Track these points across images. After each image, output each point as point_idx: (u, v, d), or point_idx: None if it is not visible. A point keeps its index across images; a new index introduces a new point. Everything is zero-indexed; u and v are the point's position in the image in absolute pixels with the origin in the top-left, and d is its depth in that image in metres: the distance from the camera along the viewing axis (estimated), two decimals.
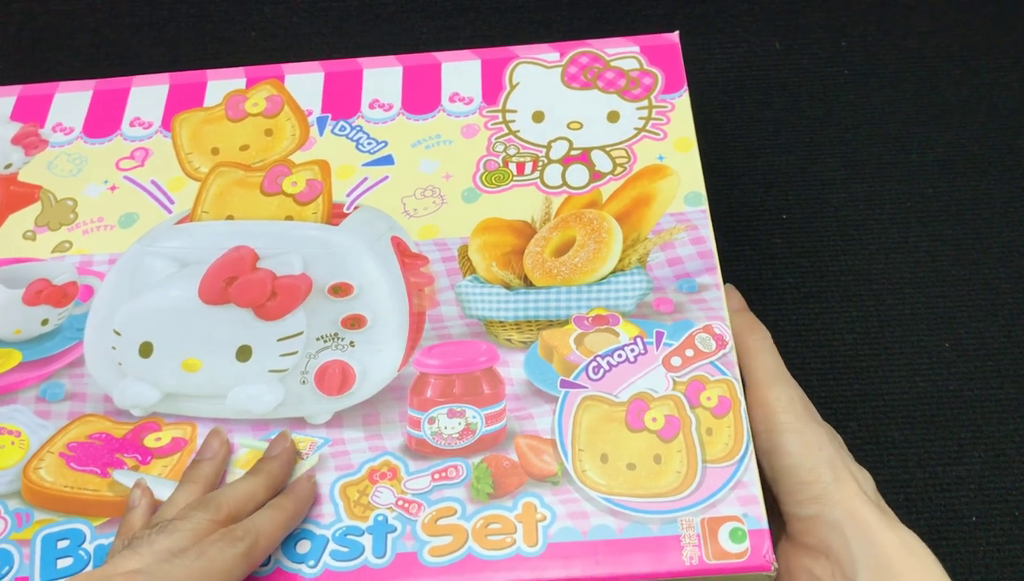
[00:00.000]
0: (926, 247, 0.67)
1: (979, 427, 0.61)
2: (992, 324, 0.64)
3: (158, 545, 0.41)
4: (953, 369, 0.63)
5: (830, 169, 0.71)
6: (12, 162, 0.60)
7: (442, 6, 0.71)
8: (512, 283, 0.53)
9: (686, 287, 0.52)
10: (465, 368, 0.51)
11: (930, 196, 0.68)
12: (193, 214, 0.57)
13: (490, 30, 0.69)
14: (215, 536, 0.42)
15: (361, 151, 0.59)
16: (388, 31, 0.69)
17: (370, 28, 0.69)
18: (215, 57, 0.67)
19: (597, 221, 0.54)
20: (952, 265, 0.66)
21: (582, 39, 0.62)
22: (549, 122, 0.59)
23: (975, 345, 0.64)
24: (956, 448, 0.60)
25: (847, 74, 0.74)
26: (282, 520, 0.45)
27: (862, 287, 0.66)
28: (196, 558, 0.40)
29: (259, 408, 0.51)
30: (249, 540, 0.42)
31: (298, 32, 0.69)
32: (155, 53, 0.68)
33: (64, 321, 0.54)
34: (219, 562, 0.41)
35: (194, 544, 0.41)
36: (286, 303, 0.53)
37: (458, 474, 0.47)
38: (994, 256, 0.66)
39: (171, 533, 0.41)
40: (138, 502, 0.46)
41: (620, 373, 0.49)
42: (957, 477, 0.59)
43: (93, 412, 0.51)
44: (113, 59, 0.67)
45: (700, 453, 0.47)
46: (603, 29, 0.70)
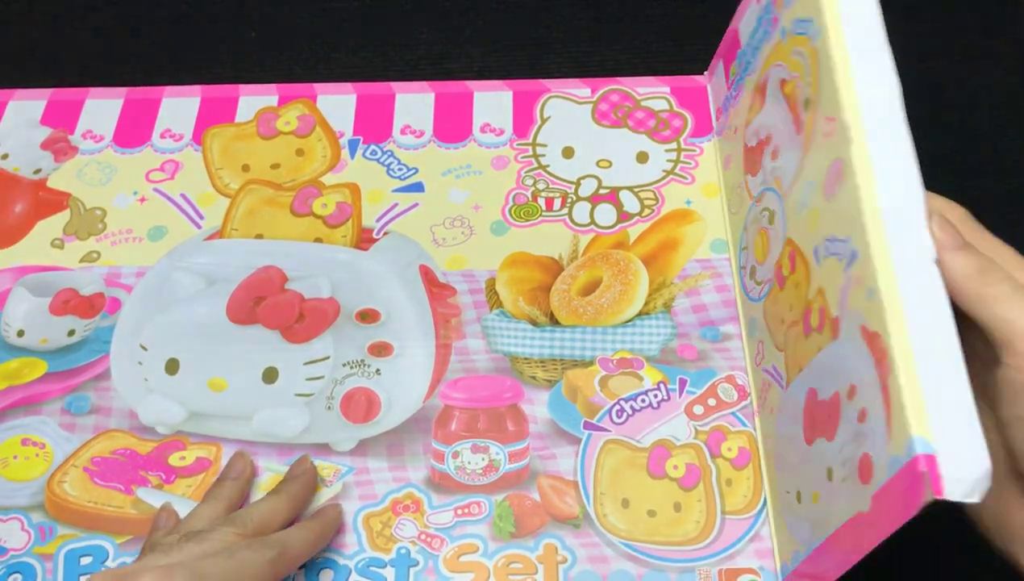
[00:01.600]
0: None
1: None
2: None
3: (188, 550, 0.41)
4: None
5: None
6: (41, 168, 0.60)
7: (442, 6, 0.71)
8: (538, 319, 0.54)
9: (710, 335, 0.53)
10: (490, 403, 0.51)
11: None
12: (223, 231, 0.58)
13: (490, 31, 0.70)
14: (244, 543, 0.42)
15: (392, 176, 0.59)
16: (388, 30, 0.69)
17: (370, 28, 0.69)
18: (215, 57, 0.67)
19: (624, 262, 0.55)
20: None
21: (583, 39, 0.62)
22: (579, 158, 0.60)
23: None
24: None
25: None
26: (309, 538, 0.45)
27: None
28: (228, 558, 0.41)
29: (285, 432, 0.51)
30: (278, 548, 0.42)
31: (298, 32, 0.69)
32: (155, 53, 0.68)
33: (90, 333, 0.55)
34: (249, 566, 0.41)
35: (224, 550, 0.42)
36: (313, 326, 0.53)
37: (481, 511, 0.48)
38: None
39: (200, 541, 0.42)
40: (164, 523, 0.47)
41: (643, 418, 0.50)
42: None
43: (118, 427, 0.52)
44: (113, 59, 0.67)
45: (719, 504, 0.48)
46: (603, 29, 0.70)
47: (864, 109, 0.39)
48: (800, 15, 0.45)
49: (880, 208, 0.37)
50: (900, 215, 0.37)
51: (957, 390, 0.34)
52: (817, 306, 0.41)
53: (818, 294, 0.41)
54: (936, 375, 0.34)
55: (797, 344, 0.44)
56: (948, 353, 0.34)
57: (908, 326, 0.35)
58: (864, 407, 0.36)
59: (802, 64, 0.45)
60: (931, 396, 0.33)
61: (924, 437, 0.33)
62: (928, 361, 0.34)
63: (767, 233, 0.49)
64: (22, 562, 0.48)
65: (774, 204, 0.48)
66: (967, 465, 0.32)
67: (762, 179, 0.50)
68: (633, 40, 0.71)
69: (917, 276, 0.36)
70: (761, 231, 0.49)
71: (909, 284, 0.35)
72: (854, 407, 0.37)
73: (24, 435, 0.51)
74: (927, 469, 0.32)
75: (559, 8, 0.72)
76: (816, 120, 0.42)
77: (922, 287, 0.36)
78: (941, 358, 0.34)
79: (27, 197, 0.59)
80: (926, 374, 0.34)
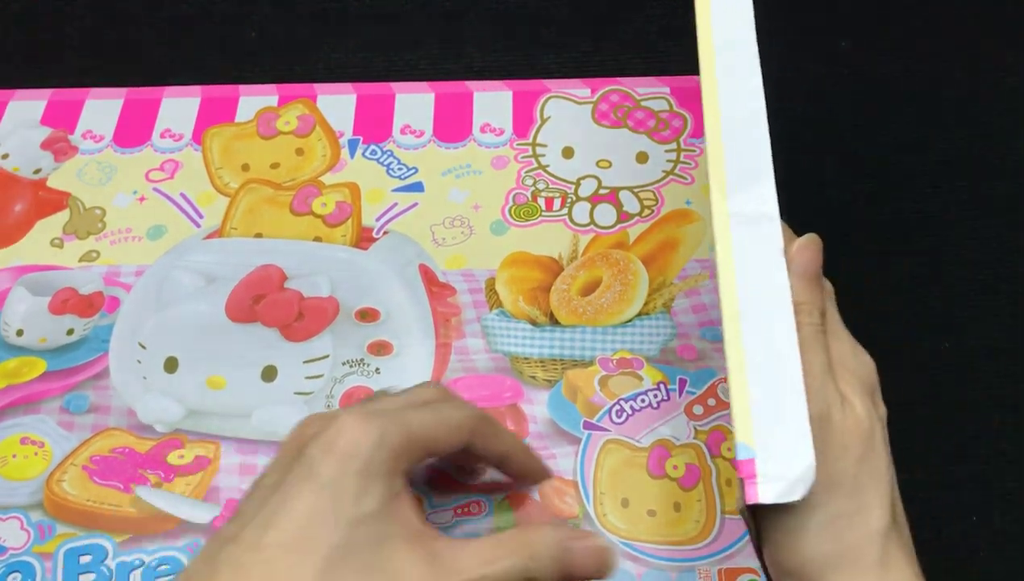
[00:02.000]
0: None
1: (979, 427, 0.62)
2: (992, 325, 0.65)
3: (388, 401, 0.40)
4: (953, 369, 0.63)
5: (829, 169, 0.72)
6: (41, 167, 0.60)
7: (441, 7, 0.71)
8: (538, 319, 0.54)
9: (710, 335, 0.53)
10: (490, 403, 0.51)
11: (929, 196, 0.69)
12: (222, 230, 0.58)
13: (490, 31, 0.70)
14: (447, 402, 0.41)
15: (391, 176, 0.59)
16: (388, 31, 0.69)
17: (370, 28, 0.69)
18: (215, 57, 0.67)
19: (624, 262, 0.55)
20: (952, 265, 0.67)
21: (583, 39, 0.62)
22: (579, 159, 0.60)
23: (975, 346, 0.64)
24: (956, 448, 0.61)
25: (847, 74, 0.74)
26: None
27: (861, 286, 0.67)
28: (430, 411, 0.39)
29: (284, 430, 0.51)
30: (480, 412, 0.41)
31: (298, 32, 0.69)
32: (155, 53, 0.68)
33: (89, 332, 0.55)
34: (452, 420, 0.39)
35: (425, 403, 0.40)
36: (313, 325, 0.53)
37: (480, 510, 0.48)
38: (994, 256, 0.67)
39: (401, 394, 0.40)
40: None
41: (643, 418, 0.50)
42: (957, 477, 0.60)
43: (117, 426, 0.52)
44: (113, 59, 0.67)
45: (719, 503, 0.48)
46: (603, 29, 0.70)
47: None
48: None
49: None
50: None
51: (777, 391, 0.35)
52: None
53: None
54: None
55: None
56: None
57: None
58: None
59: None
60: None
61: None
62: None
63: None
64: (21, 561, 0.48)
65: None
66: (786, 465, 0.34)
67: None
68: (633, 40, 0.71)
69: None
70: None
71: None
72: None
73: (23, 434, 0.51)
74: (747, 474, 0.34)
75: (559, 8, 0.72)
76: None
77: None
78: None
79: (27, 197, 0.59)
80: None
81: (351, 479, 0.35)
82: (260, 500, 0.36)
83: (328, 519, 0.35)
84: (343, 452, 0.36)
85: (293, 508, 0.35)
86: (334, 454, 0.36)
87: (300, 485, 0.35)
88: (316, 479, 0.35)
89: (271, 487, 0.36)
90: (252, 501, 0.37)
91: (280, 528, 0.34)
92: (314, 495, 0.35)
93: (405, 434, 0.37)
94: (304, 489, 0.35)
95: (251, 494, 0.37)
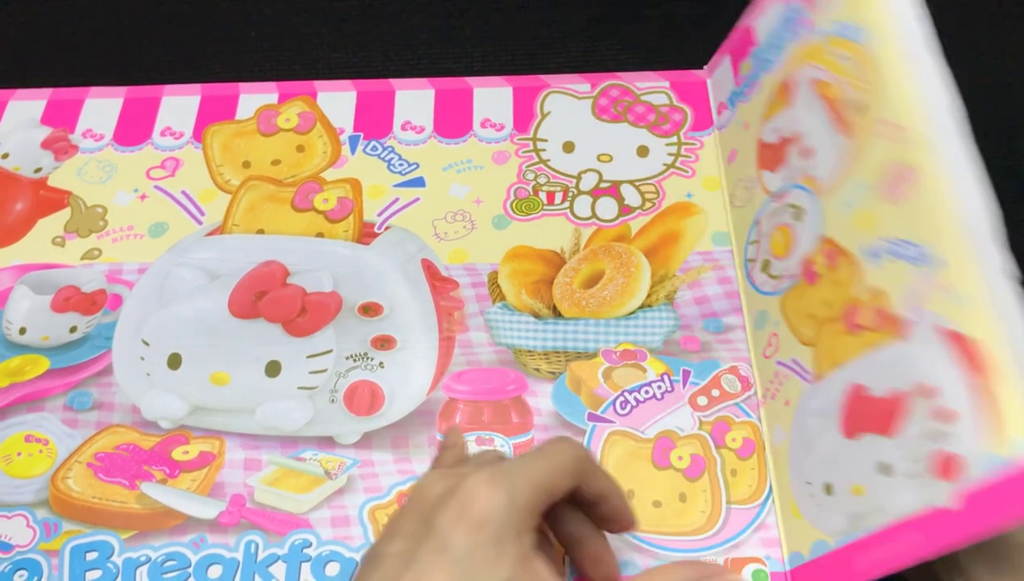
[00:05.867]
0: None
1: None
2: None
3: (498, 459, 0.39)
4: None
5: None
6: (42, 166, 0.60)
7: (442, 6, 0.71)
8: (541, 312, 0.54)
9: (712, 326, 0.53)
10: (494, 396, 0.51)
11: None
12: (224, 226, 0.58)
13: (491, 30, 0.70)
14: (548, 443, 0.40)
15: (393, 172, 0.59)
16: (388, 31, 0.69)
17: (370, 28, 0.69)
18: (215, 57, 0.67)
19: (626, 255, 0.55)
20: None
21: (583, 39, 0.62)
22: (579, 153, 0.60)
23: None
24: None
25: None
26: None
27: None
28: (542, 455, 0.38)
29: (288, 425, 0.51)
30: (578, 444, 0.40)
31: (298, 32, 0.69)
32: (155, 53, 0.68)
33: (92, 329, 0.55)
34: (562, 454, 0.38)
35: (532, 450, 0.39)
36: (316, 320, 0.53)
37: None
38: None
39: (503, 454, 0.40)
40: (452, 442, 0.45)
41: (647, 409, 0.50)
42: None
43: (121, 423, 0.52)
44: (113, 59, 0.67)
45: (725, 493, 0.48)
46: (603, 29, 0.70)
47: (928, 117, 0.40)
48: (844, 19, 0.46)
49: (961, 219, 0.38)
50: (979, 227, 0.38)
51: None
52: (871, 305, 0.42)
53: (873, 293, 0.42)
54: None
55: (835, 340, 0.44)
56: None
57: (1008, 334, 0.36)
58: (945, 407, 0.37)
59: (847, 67, 0.46)
60: None
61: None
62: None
63: (790, 229, 0.49)
64: (28, 558, 0.48)
65: (804, 201, 0.48)
66: None
67: (786, 175, 0.50)
68: (633, 40, 0.71)
69: (1005, 288, 0.37)
70: (781, 227, 0.50)
71: (1001, 295, 0.36)
72: (930, 406, 0.38)
73: (27, 431, 0.51)
74: None
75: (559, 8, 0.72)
76: (869, 123, 0.43)
77: (1012, 298, 0.37)
78: None
79: (28, 196, 0.59)
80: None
81: (485, 548, 0.35)
82: (391, 575, 0.35)
83: None
84: (476, 520, 0.35)
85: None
86: (467, 523, 0.35)
87: (433, 558, 0.34)
88: (450, 551, 0.34)
89: (400, 558, 0.35)
90: (381, 573, 0.35)
91: None
92: (449, 569, 0.34)
93: (532, 489, 0.36)
94: (438, 563, 0.34)
95: (377, 563, 0.36)
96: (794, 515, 0.46)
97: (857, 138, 0.44)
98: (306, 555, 0.47)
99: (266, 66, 0.67)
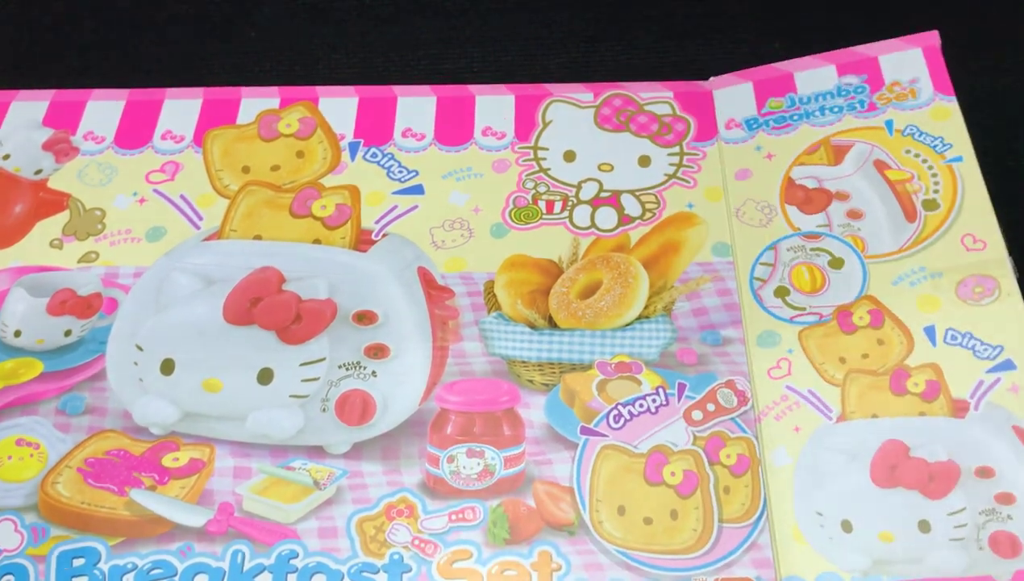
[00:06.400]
0: None
1: None
2: None
3: None
4: None
5: None
6: (43, 168, 0.60)
7: (442, 6, 0.71)
8: (536, 323, 0.54)
9: (710, 339, 0.52)
10: (487, 407, 0.51)
11: None
12: (221, 232, 0.57)
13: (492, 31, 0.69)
14: None
15: (392, 179, 0.59)
16: (389, 31, 0.69)
17: (370, 28, 0.69)
18: (215, 57, 0.67)
19: (624, 265, 0.55)
20: None
21: (582, 39, 0.62)
22: (580, 162, 0.59)
23: None
24: None
25: None
26: None
27: None
28: None
29: (278, 433, 0.51)
30: None
31: (298, 33, 0.69)
32: (155, 53, 0.68)
33: (87, 333, 0.55)
34: None
35: None
36: (310, 327, 0.53)
37: (475, 516, 0.48)
38: None
39: None
40: None
41: (640, 423, 0.50)
42: None
43: (112, 428, 0.52)
44: (113, 59, 0.67)
45: (717, 512, 0.47)
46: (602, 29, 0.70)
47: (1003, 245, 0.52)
48: (925, 128, 0.57)
49: None
50: None
51: None
52: (923, 376, 0.49)
53: (929, 367, 0.49)
54: None
55: (872, 393, 0.49)
56: None
57: None
58: (1009, 492, 0.45)
59: (925, 170, 0.56)
60: None
61: None
62: None
63: (822, 272, 0.54)
64: (15, 563, 0.47)
65: (844, 254, 0.54)
66: None
67: (822, 223, 0.56)
68: (632, 41, 0.70)
69: None
70: (810, 266, 0.54)
71: None
72: (989, 486, 0.46)
73: (19, 435, 0.51)
74: None
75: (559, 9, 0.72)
76: (947, 227, 0.53)
77: None
78: None
79: (27, 197, 0.59)
80: None
81: None
82: None
83: None
84: None
85: None
86: None
87: None
88: None
89: None
90: None
91: None
92: None
93: None
94: None
95: None
96: (795, 539, 0.46)
97: (926, 230, 0.54)
98: (292, 566, 0.47)
99: (266, 66, 0.67)
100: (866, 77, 0.60)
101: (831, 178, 0.57)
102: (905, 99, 0.58)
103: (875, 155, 0.57)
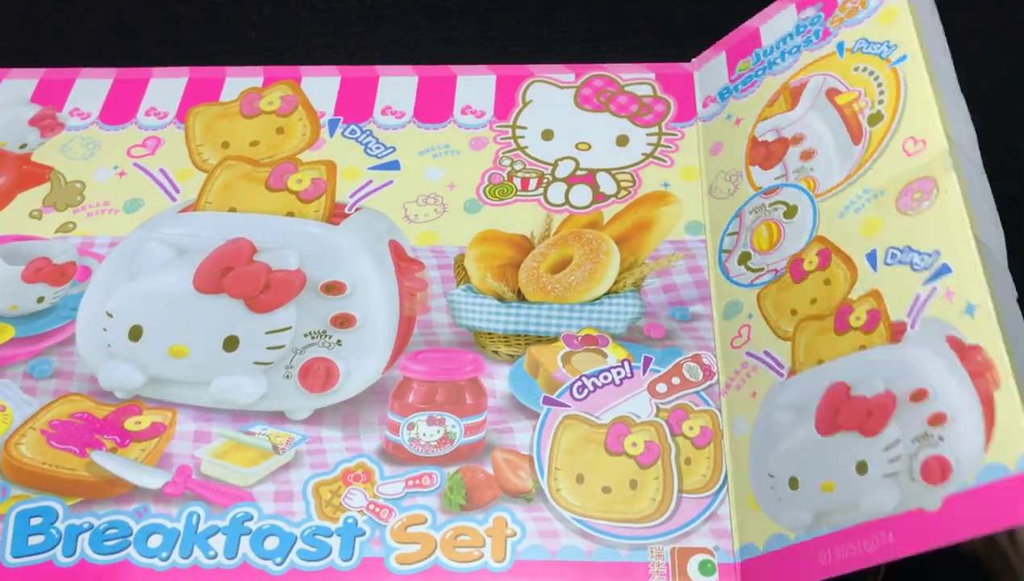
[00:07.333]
0: None
1: None
2: None
3: None
4: None
5: None
6: (27, 142, 0.61)
7: (443, 7, 0.71)
8: (505, 296, 0.53)
9: (679, 315, 0.52)
10: (449, 376, 0.50)
11: None
12: (197, 204, 0.58)
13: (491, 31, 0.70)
14: None
15: (369, 155, 0.59)
16: (388, 32, 0.70)
17: (370, 29, 0.69)
18: (215, 57, 0.67)
19: (596, 241, 0.54)
20: None
21: (583, 40, 0.62)
22: (558, 141, 0.59)
23: None
24: None
25: None
26: None
27: None
28: None
29: (241, 399, 0.51)
30: None
31: (298, 33, 0.70)
32: (155, 53, 0.69)
33: (59, 300, 0.55)
34: None
35: None
36: (278, 297, 0.52)
37: (432, 482, 0.47)
38: None
39: None
40: None
41: (604, 395, 0.49)
42: None
43: (78, 391, 0.52)
44: (113, 59, 0.68)
45: (677, 482, 0.46)
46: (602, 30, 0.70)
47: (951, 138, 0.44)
48: (871, 36, 0.51)
49: (974, 234, 0.41)
50: (989, 242, 0.41)
51: None
52: (864, 307, 0.44)
53: (869, 296, 0.44)
54: None
55: (819, 337, 0.45)
56: None
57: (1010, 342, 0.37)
58: (938, 411, 0.39)
59: (871, 82, 0.49)
60: None
61: None
62: None
63: (778, 225, 0.50)
64: None
65: (798, 200, 0.50)
66: None
67: (779, 174, 0.52)
68: (632, 41, 0.70)
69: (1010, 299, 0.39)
70: (768, 222, 0.51)
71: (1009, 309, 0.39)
72: (923, 410, 0.39)
73: None
74: None
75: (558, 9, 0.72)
76: (890, 137, 0.47)
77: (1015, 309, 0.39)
78: None
79: (10, 170, 0.60)
80: None
81: None
82: None
83: None
84: None
85: None
86: None
87: None
88: None
89: None
90: None
91: None
92: None
93: None
94: None
95: None
96: (750, 507, 0.45)
97: (870, 148, 0.47)
98: (246, 528, 0.46)
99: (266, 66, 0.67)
100: (821, 4, 0.55)
101: (788, 124, 0.53)
102: (856, 13, 0.52)
103: (827, 84, 0.52)
